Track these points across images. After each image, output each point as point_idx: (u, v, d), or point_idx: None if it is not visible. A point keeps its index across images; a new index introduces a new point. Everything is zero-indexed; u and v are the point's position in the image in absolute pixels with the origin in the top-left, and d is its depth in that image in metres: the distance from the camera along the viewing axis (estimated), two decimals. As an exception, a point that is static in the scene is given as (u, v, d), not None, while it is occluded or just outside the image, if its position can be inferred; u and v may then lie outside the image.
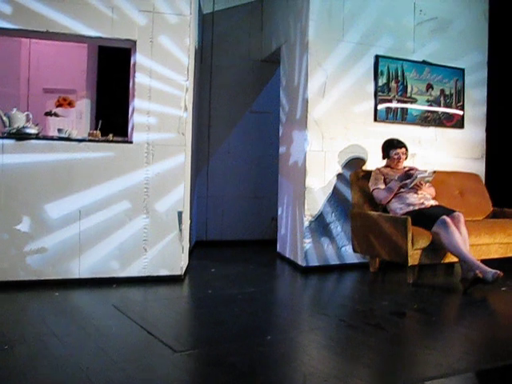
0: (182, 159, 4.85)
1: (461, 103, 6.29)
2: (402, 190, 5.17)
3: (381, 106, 5.82)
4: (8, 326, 3.44)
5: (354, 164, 5.68)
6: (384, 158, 5.53)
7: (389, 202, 5.20)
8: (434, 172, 5.16)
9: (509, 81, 6.58)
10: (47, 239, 4.50)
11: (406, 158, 5.48)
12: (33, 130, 4.51)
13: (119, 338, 3.31)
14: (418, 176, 5.11)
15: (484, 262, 4.63)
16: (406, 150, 5.46)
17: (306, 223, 5.47)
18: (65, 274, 4.56)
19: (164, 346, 3.06)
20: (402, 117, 5.94)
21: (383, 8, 5.85)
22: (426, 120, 6.09)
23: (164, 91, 4.81)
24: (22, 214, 4.44)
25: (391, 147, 5.44)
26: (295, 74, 5.86)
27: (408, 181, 5.16)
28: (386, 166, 5.47)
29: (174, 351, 2.97)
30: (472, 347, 3.30)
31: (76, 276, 4.59)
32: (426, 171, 5.16)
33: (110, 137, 4.80)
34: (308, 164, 5.48)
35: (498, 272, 4.31)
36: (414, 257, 4.71)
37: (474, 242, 4.89)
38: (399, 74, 5.91)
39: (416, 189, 5.15)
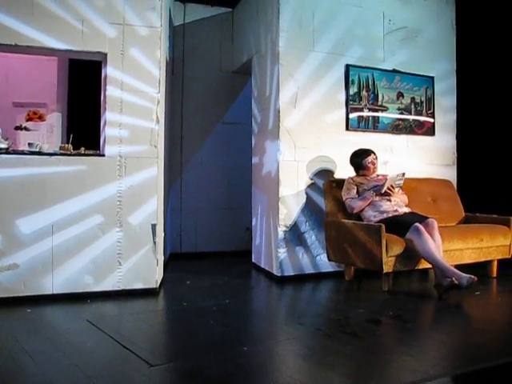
0: (154, 171, 4.83)
1: (431, 111, 6.37)
2: (374, 197, 5.20)
3: (352, 115, 5.87)
4: (-21, 345, 3.39)
5: (327, 173, 5.71)
6: (357, 171, 5.54)
7: (362, 210, 5.22)
8: (403, 174, 5.21)
9: (477, 88, 6.67)
10: (19, 255, 4.43)
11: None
12: (2, 145, 4.45)
13: (94, 353, 3.27)
14: (388, 178, 5.15)
15: (457, 267, 4.68)
16: (375, 155, 5.49)
17: (281, 233, 5.48)
18: (37, 290, 4.49)
19: (140, 360, 3.02)
20: (373, 125, 6.00)
21: (353, 18, 5.91)
22: (398, 128, 6.15)
23: (135, 104, 4.79)
24: (-8, 229, 4.38)
25: (361, 157, 5.45)
26: (267, 84, 5.88)
27: (378, 185, 5.20)
28: (359, 175, 5.49)
29: (150, 365, 2.94)
30: (447, 352, 3.32)
31: (49, 292, 4.52)
32: (395, 175, 5.21)
33: (82, 150, 4.76)
34: (281, 174, 5.49)
35: (473, 277, 4.35)
36: (388, 264, 4.74)
37: (447, 247, 4.93)
38: (370, 82, 5.97)
39: (388, 194, 5.18)
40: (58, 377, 2.80)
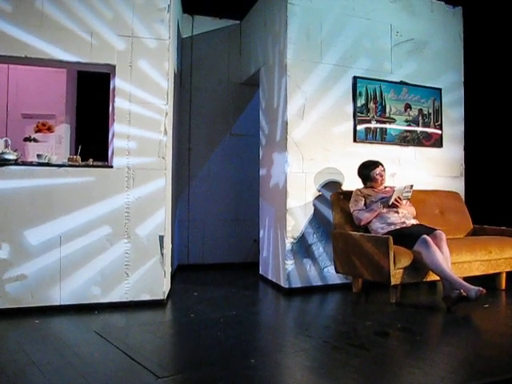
0: (162, 183, 4.84)
1: (439, 122, 6.37)
2: (382, 209, 5.19)
3: (360, 127, 5.87)
4: (-13, 356, 3.39)
5: (335, 184, 5.71)
6: (364, 183, 5.55)
7: (370, 222, 5.21)
8: (411, 186, 5.20)
9: (485, 100, 6.67)
10: (27, 266, 4.45)
11: (384, 176, 5.52)
12: (12, 156, 4.48)
13: (101, 364, 3.26)
14: (396, 190, 5.15)
15: (466, 279, 4.66)
16: (383, 167, 5.49)
17: (288, 245, 5.47)
18: (45, 301, 4.50)
19: (147, 372, 3.02)
20: (381, 137, 5.99)
21: (360, 30, 5.92)
22: (405, 140, 6.15)
23: (144, 115, 4.81)
24: (0, 240, 4.39)
25: (369, 169, 5.46)
26: (274, 96, 5.90)
27: (387, 197, 5.19)
28: (367, 187, 5.49)
29: (157, 377, 2.94)
30: (456, 365, 3.30)
31: (57, 303, 4.53)
32: (403, 187, 5.21)
33: (90, 161, 4.78)
34: (289, 186, 5.49)
35: (481, 289, 4.33)
36: (396, 276, 4.72)
37: (455, 259, 4.91)
38: (377, 94, 5.97)
39: (395, 206, 5.17)
40: (65, 388, 2.80)
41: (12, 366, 3.14)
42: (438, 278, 4.74)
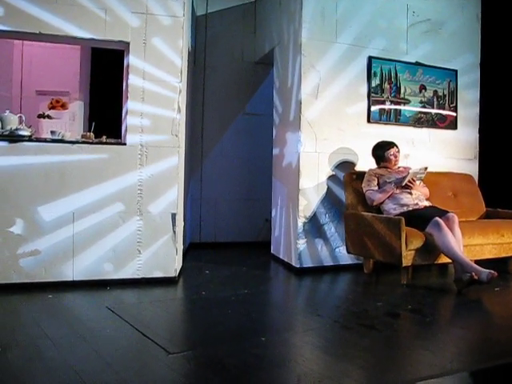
0: (175, 161, 4.85)
1: (454, 104, 6.31)
2: (395, 190, 5.18)
3: (374, 108, 5.83)
4: (1, 330, 3.43)
5: (348, 165, 5.69)
6: (378, 163, 5.53)
7: (382, 202, 5.21)
8: (426, 168, 5.19)
9: (501, 82, 6.61)
10: (40, 242, 4.49)
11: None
12: (26, 132, 4.50)
13: (113, 340, 3.30)
14: (410, 172, 5.13)
15: (477, 262, 4.65)
16: (398, 148, 5.47)
17: (300, 224, 5.47)
18: (58, 276, 4.54)
19: (158, 348, 3.05)
20: (395, 118, 5.96)
21: (376, 10, 5.86)
22: (420, 121, 6.11)
23: (157, 93, 4.81)
24: (15, 216, 4.42)
25: (384, 149, 5.44)
26: (288, 75, 5.87)
27: (400, 178, 5.18)
28: (380, 167, 5.47)
29: (168, 353, 2.97)
30: (466, 348, 3.31)
31: (70, 278, 4.57)
32: (418, 169, 5.19)
33: (104, 139, 4.79)
34: (301, 165, 5.48)
35: (493, 272, 4.32)
36: (407, 258, 4.72)
37: (467, 242, 4.90)
38: (392, 75, 5.93)
39: (409, 187, 5.16)
40: (77, 362, 2.83)
41: (26, 340, 3.18)
42: (449, 260, 4.73)
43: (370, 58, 5.81)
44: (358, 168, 5.71)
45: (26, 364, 2.81)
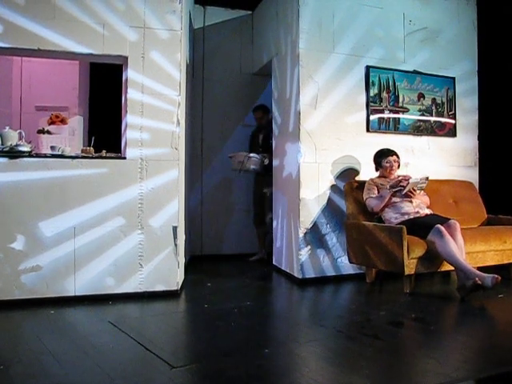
0: (175, 174, 4.85)
1: (452, 112, 6.33)
2: (395, 199, 5.18)
3: (373, 117, 5.84)
4: (3, 346, 3.43)
5: (348, 175, 5.69)
6: (377, 169, 5.55)
7: (383, 211, 5.21)
8: (427, 178, 5.18)
9: (499, 89, 6.61)
10: (42, 257, 4.48)
11: (398, 167, 5.50)
12: (26, 148, 4.50)
13: (116, 354, 3.29)
14: (411, 182, 5.12)
15: (480, 269, 4.64)
16: (398, 157, 5.48)
17: (301, 235, 5.47)
18: (60, 291, 4.54)
19: (161, 362, 3.04)
20: (394, 126, 5.97)
21: (373, 19, 5.88)
22: (419, 129, 6.12)
23: (156, 106, 4.82)
24: (16, 232, 4.42)
25: (382, 156, 5.46)
26: (287, 86, 5.88)
27: (400, 188, 5.18)
28: (380, 177, 5.48)
29: (172, 367, 2.95)
30: (471, 355, 3.29)
31: (71, 294, 4.56)
32: (418, 178, 5.19)
33: (104, 153, 4.80)
34: (302, 176, 5.48)
35: (496, 276, 4.30)
36: (410, 266, 4.71)
37: (469, 249, 4.89)
38: (390, 84, 5.94)
39: (409, 196, 5.16)
40: (80, 378, 2.82)
41: (28, 355, 3.17)
42: (452, 267, 4.72)
43: (368, 68, 5.83)
44: (359, 177, 5.71)
45: (28, 381, 2.80)
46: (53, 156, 4.64)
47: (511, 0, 6.28)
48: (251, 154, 6.40)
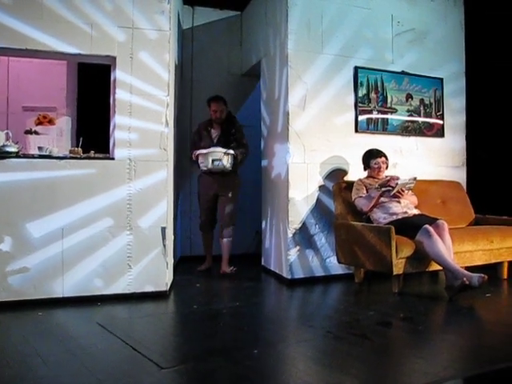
0: (164, 174, 4.84)
1: (440, 112, 6.36)
2: (383, 199, 5.20)
3: (361, 117, 5.86)
4: (-9, 348, 3.40)
5: (337, 175, 5.70)
6: (365, 169, 5.56)
7: (372, 211, 5.22)
8: (415, 178, 5.20)
9: (486, 89, 6.65)
10: (29, 258, 4.45)
11: (386, 167, 5.51)
12: (13, 149, 4.47)
13: (105, 356, 3.28)
14: (399, 183, 5.14)
15: (468, 269, 4.67)
16: (386, 158, 5.50)
17: (290, 235, 5.47)
18: (48, 293, 4.51)
19: (150, 363, 3.03)
20: (382, 127, 5.99)
21: (361, 20, 5.90)
22: (407, 130, 6.14)
23: (145, 107, 4.80)
24: (3, 233, 4.39)
25: (371, 157, 5.48)
26: (275, 87, 5.88)
27: (389, 188, 5.19)
28: (368, 177, 5.50)
29: (161, 368, 2.95)
30: (459, 354, 3.31)
31: (59, 295, 4.54)
32: (407, 179, 5.20)
33: (92, 153, 4.78)
34: (291, 176, 5.49)
35: (483, 276, 4.33)
36: (398, 266, 4.72)
37: (457, 249, 4.91)
38: (379, 84, 5.96)
39: (397, 196, 5.17)
40: (68, 380, 2.81)
41: (16, 358, 3.16)
42: (440, 267, 4.74)
43: (357, 68, 5.85)
44: (347, 178, 5.72)
45: (17, 382, 2.77)
46: (40, 157, 4.61)
47: (497, 1, 6.32)
48: (230, 151, 5.86)
